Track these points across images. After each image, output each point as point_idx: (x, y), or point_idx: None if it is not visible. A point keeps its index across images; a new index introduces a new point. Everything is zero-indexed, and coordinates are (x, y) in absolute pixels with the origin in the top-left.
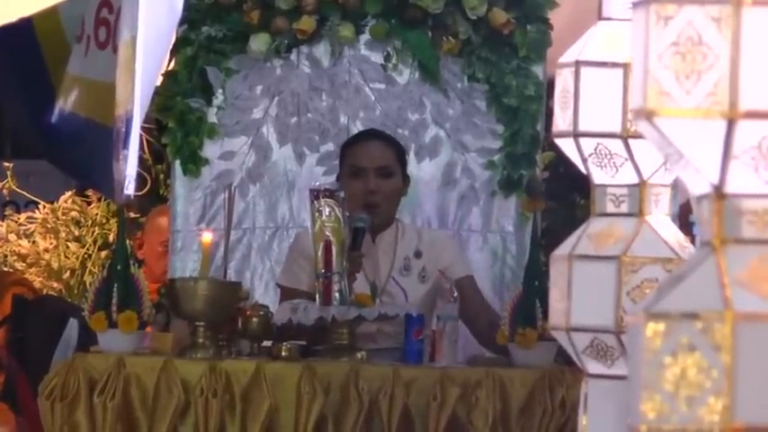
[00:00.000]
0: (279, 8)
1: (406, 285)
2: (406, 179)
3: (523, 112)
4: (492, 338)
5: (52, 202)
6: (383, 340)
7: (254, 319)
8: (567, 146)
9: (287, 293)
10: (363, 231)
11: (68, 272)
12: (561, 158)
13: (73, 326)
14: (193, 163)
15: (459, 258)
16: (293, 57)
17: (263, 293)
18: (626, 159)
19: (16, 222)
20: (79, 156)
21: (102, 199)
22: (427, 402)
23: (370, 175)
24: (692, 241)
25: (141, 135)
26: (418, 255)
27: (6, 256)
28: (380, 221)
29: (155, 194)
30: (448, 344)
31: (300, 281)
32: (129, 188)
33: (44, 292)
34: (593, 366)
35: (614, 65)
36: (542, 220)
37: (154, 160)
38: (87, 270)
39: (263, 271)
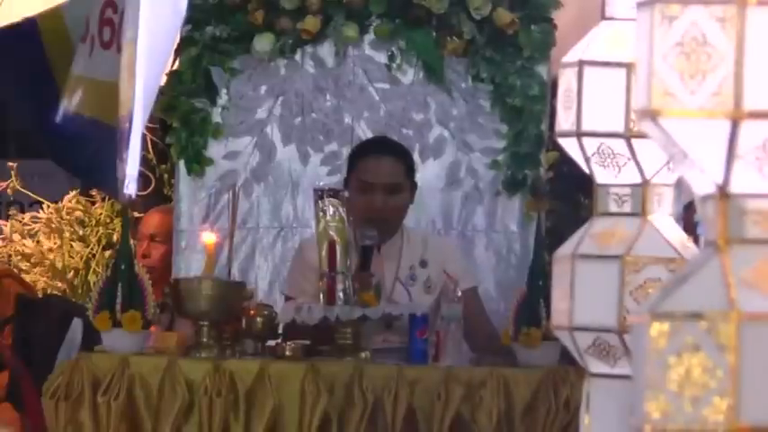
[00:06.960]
0: (283, 8)
1: (411, 295)
2: (413, 187)
3: (527, 112)
4: (488, 350)
5: (56, 202)
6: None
7: (259, 319)
8: (570, 145)
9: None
10: (372, 250)
11: (72, 271)
12: (565, 158)
13: (77, 325)
14: (198, 163)
15: (464, 268)
16: (297, 57)
17: (267, 293)
18: (629, 159)
19: (20, 222)
20: (83, 155)
21: (107, 199)
22: (431, 402)
23: (377, 192)
24: (697, 241)
25: (145, 135)
26: (423, 264)
27: (11, 255)
28: (386, 234)
29: (159, 194)
30: (452, 344)
31: (305, 292)
32: (130, 187)
33: (48, 291)
34: (595, 366)
35: (618, 65)
36: (546, 220)
37: (158, 160)
38: (91, 270)
39: (267, 270)
